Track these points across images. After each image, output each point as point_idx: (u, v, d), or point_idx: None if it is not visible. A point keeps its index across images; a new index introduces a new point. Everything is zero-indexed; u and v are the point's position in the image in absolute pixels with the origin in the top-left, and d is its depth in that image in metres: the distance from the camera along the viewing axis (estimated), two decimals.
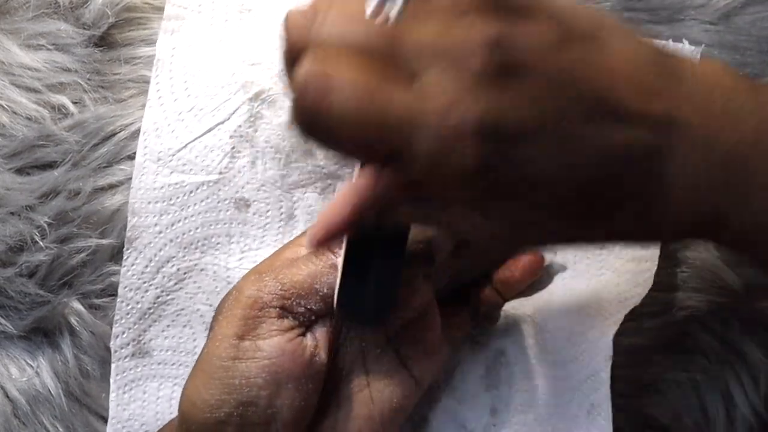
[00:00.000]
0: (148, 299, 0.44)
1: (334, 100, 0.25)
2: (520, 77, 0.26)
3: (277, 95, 0.44)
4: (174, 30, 0.45)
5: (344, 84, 0.25)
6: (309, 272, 0.35)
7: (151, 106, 0.44)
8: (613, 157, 0.27)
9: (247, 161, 0.44)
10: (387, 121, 0.25)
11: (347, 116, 0.25)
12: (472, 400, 0.45)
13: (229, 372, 0.34)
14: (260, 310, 0.35)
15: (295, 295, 0.35)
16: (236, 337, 0.35)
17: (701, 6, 0.45)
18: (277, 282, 0.35)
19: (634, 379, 0.45)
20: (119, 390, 0.44)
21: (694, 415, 0.46)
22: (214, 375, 0.34)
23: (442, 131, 0.25)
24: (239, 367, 0.34)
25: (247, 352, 0.34)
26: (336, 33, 0.26)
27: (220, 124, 0.44)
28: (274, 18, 0.45)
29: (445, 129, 0.25)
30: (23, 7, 0.44)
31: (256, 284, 0.36)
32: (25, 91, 0.44)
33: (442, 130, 0.25)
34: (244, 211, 0.44)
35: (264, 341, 0.35)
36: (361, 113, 0.25)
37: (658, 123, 0.28)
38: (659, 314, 0.45)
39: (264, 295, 0.35)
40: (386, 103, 0.25)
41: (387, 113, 0.25)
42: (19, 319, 0.44)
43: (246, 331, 0.35)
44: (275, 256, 0.38)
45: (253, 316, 0.35)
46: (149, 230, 0.44)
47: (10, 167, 0.44)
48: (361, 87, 0.25)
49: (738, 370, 0.45)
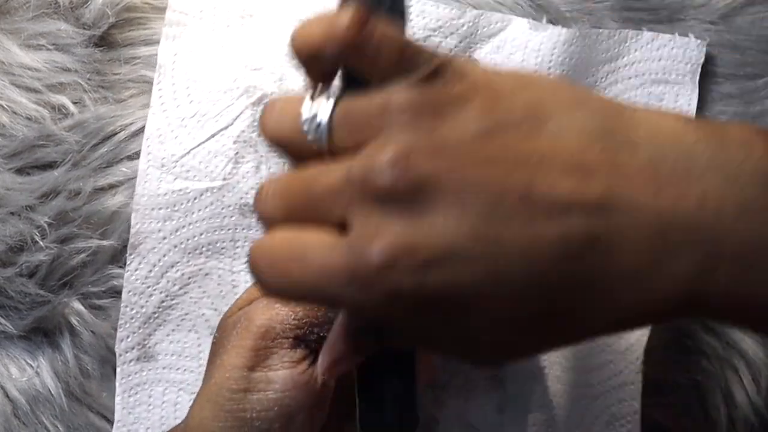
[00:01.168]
0: (152, 304, 0.44)
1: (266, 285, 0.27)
2: (428, 192, 0.24)
3: None
4: (176, 36, 0.44)
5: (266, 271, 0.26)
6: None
7: (154, 112, 0.44)
8: (547, 257, 0.24)
9: (251, 166, 0.44)
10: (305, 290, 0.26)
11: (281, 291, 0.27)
12: (479, 399, 0.45)
13: (240, 404, 0.34)
14: (272, 340, 0.34)
15: (309, 324, 0.34)
16: (247, 368, 0.34)
17: (701, 6, 0.46)
18: (289, 311, 0.34)
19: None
20: (124, 393, 0.45)
21: (695, 416, 0.46)
22: (224, 407, 0.34)
23: (353, 275, 0.24)
24: (251, 399, 0.34)
25: (259, 384, 0.34)
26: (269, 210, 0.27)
27: (223, 130, 0.44)
28: (276, 23, 0.44)
29: (356, 271, 0.24)
30: (23, 7, 0.43)
31: (268, 313, 0.35)
32: (25, 91, 0.44)
33: (354, 274, 0.24)
34: (249, 216, 0.44)
35: (275, 373, 0.34)
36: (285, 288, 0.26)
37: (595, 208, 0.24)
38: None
39: (276, 325, 0.34)
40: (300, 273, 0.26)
41: (301, 283, 0.26)
42: (19, 319, 0.44)
43: (257, 363, 0.34)
44: None
45: (265, 347, 0.34)
46: (153, 236, 0.44)
47: (10, 167, 0.44)
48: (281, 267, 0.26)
49: (739, 371, 0.45)
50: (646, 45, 0.45)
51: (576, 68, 0.45)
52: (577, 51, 0.45)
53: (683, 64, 0.45)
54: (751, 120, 0.46)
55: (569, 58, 0.45)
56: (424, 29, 0.44)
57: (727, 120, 0.46)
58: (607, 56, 0.45)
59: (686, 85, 0.45)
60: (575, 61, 0.45)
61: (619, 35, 0.45)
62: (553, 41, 0.45)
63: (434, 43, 0.45)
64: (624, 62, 0.45)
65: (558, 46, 0.45)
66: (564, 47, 0.45)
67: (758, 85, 0.46)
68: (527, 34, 0.45)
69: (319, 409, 0.35)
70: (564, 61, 0.45)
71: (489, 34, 0.45)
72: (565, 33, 0.45)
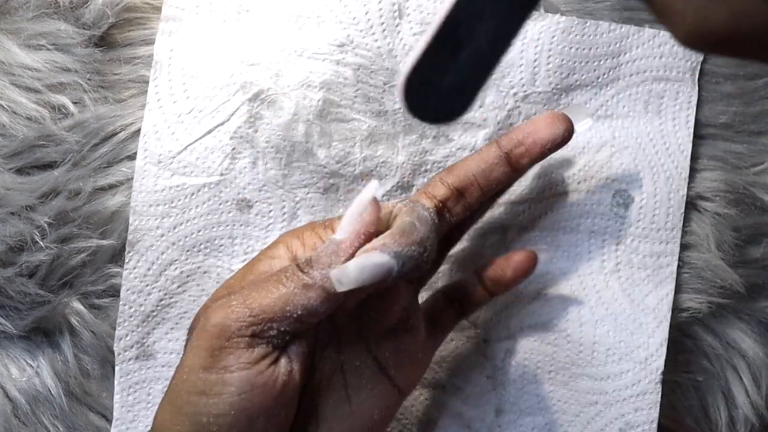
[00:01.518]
0: (151, 302, 0.44)
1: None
2: None
3: (277, 95, 0.44)
4: (172, 31, 0.44)
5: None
6: (279, 295, 0.33)
7: (150, 108, 0.44)
8: None
9: (248, 162, 0.44)
10: None
11: None
12: (477, 400, 0.45)
13: (196, 408, 0.32)
14: (228, 340, 0.32)
15: (266, 320, 0.33)
16: (203, 369, 0.32)
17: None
18: (245, 308, 0.33)
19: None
20: (123, 392, 0.44)
21: (695, 416, 0.46)
22: (182, 410, 0.33)
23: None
24: (207, 403, 0.32)
25: (215, 387, 0.32)
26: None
27: (219, 126, 0.44)
28: (272, 18, 0.44)
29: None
30: (23, 7, 0.44)
31: (223, 311, 0.33)
32: (25, 91, 0.44)
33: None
34: (246, 212, 0.44)
35: (232, 375, 0.32)
36: None
37: None
38: None
39: (231, 323, 0.33)
40: None
41: None
42: (19, 319, 0.44)
43: (213, 363, 0.32)
44: (248, 267, 0.36)
45: (220, 346, 0.32)
46: (151, 233, 0.44)
47: (10, 167, 0.44)
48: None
49: (739, 371, 0.45)
50: (647, 42, 0.45)
51: (576, 58, 0.45)
52: (577, 40, 0.44)
53: (684, 62, 0.45)
54: (751, 120, 0.45)
55: (569, 47, 0.44)
56: (421, 24, 0.44)
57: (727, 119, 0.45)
58: (608, 51, 0.45)
59: (686, 82, 0.45)
60: (575, 51, 0.44)
61: (620, 30, 0.45)
62: (552, 30, 0.44)
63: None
64: (626, 59, 0.45)
65: (557, 34, 0.44)
66: (563, 35, 0.44)
67: (758, 85, 0.45)
68: (525, 24, 0.44)
69: (281, 410, 0.33)
70: (563, 50, 0.44)
71: None
72: (564, 21, 0.44)
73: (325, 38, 0.44)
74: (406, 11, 0.44)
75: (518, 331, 0.45)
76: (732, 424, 0.46)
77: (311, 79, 0.44)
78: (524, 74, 0.45)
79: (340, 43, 0.44)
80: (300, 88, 0.44)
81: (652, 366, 0.44)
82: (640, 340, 0.44)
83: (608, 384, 0.44)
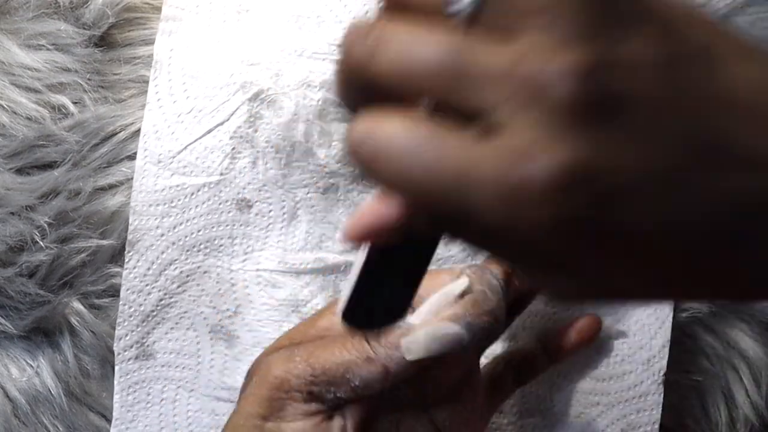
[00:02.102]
0: (150, 302, 0.44)
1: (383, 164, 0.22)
2: (620, 113, 0.20)
3: (276, 95, 0.44)
4: (172, 31, 0.44)
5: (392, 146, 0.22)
6: (342, 361, 0.33)
7: (150, 108, 0.44)
8: (735, 211, 0.22)
9: (248, 162, 0.44)
10: (437, 183, 0.21)
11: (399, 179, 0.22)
12: None
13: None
14: (287, 392, 0.34)
15: (325, 382, 0.33)
16: (261, 417, 0.34)
17: (701, 6, 0.45)
18: (307, 366, 0.34)
19: None
20: (123, 392, 0.44)
21: (695, 416, 0.46)
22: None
23: (506, 188, 0.20)
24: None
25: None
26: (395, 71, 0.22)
27: (219, 125, 0.44)
28: (272, 18, 0.44)
29: (512, 184, 0.20)
30: (23, 7, 0.44)
31: (286, 364, 0.34)
32: (25, 91, 0.44)
33: (507, 186, 0.20)
34: (246, 212, 0.44)
35: (288, 425, 0.33)
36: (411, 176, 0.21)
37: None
38: None
39: (292, 378, 0.34)
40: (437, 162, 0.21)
41: (438, 174, 0.21)
42: (19, 319, 0.44)
43: (271, 413, 0.34)
44: (311, 322, 0.37)
45: (279, 397, 0.34)
46: (151, 233, 0.44)
47: (10, 167, 0.44)
48: (412, 147, 0.21)
49: (739, 371, 0.45)
50: None
51: None
52: None
53: None
54: None
55: None
56: None
57: None
58: None
59: None
60: None
61: None
62: None
63: None
64: None
65: None
66: None
67: None
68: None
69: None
70: None
71: None
72: None
73: (325, 38, 0.44)
74: None
75: (519, 331, 0.45)
76: (732, 424, 0.46)
77: (311, 79, 0.44)
78: None
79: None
80: (300, 87, 0.44)
81: (655, 367, 0.44)
82: (642, 341, 0.44)
83: (610, 385, 0.44)
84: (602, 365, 0.44)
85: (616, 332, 0.44)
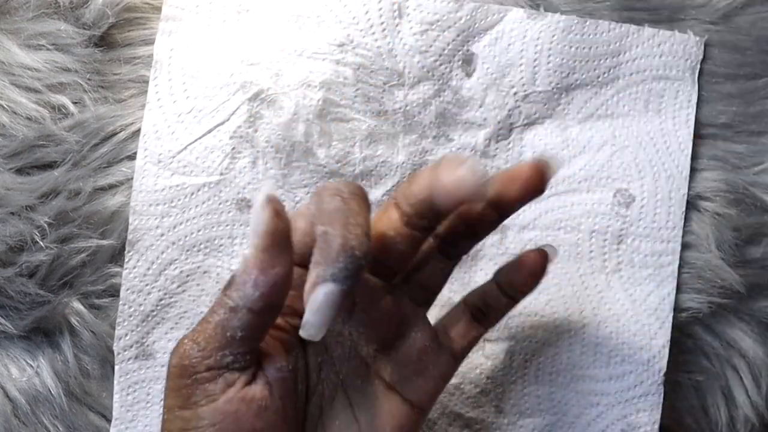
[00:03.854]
0: (150, 302, 0.44)
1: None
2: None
3: (277, 95, 0.44)
4: (172, 31, 0.44)
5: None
6: (216, 323, 0.33)
7: (150, 108, 0.44)
8: None
9: (248, 161, 0.44)
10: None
11: None
12: (477, 400, 0.45)
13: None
14: (190, 377, 0.33)
15: (215, 349, 0.33)
16: (178, 408, 0.33)
17: (701, 6, 0.45)
18: (193, 343, 0.33)
19: None
20: (123, 392, 0.44)
21: (695, 416, 0.46)
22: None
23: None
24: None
25: (191, 422, 0.33)
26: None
27: (219, 125, 0.44)
28: (272, 18, 0.44)
29: None
30: (23, 7, 0.44)
31: (178, 351, 0.33)
32: (25, 91, 0.44)
33: None
34: (246, 211, 0.44)
35: (203, 408, 0.33)
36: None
37: None
38: None
39: (185, 362, 0.33)
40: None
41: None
42: (19, 319, 0.44)
43: (184, 401, 0.33)
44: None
45: (185, 385, 0.33)
46: (151, 233, 0.44)
47: (10, 167, 0.44)
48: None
49: (739, 371, 0.45)
50: (647, 41, 0.45)
51: (576, 57, 0.45)
52: (577, 39, 0.44)
53: (683, 61, 0.45)
54: (751, 120, 0.45)
55: (569, 46, 0.44)
56: (421, 23, 0.44)
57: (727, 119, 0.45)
58: (608, 50, 0.45)
59: (686, 81, 0.45)
60: (575, 50, 0.45)
61: (620, 29, 0.45)
62: (551, 29, 0.44)
63: (432, 36, 0.44)
64: (626, 58, 0.45)
65: (557, 33, 0.44)
66: (563, 35, 0.44)
67: (758, 85, 0.45)
68: (525, 23, 0.45)
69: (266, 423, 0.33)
70: (563, 50, 0.44)
71: (487, 26, 0.45)
72: (564, 20, 0.44)
73: (325, 38, 0.44)
74: (406, 11, 0.44)
75: (519, 331, 0.45)
76: (732, 424, 0.46)
77: (311, 79, 0.44)
78: (524, 74, 0.45)
79: (340, 42, 0.44)
80: (300, 87, 0.44)
81: (655, 368, 0.44)
82: (642, 341, 0.44)
83: (610, 385, 0.44)
84: (602, 365, 0.44)
85: (616, 333, 0.44)
